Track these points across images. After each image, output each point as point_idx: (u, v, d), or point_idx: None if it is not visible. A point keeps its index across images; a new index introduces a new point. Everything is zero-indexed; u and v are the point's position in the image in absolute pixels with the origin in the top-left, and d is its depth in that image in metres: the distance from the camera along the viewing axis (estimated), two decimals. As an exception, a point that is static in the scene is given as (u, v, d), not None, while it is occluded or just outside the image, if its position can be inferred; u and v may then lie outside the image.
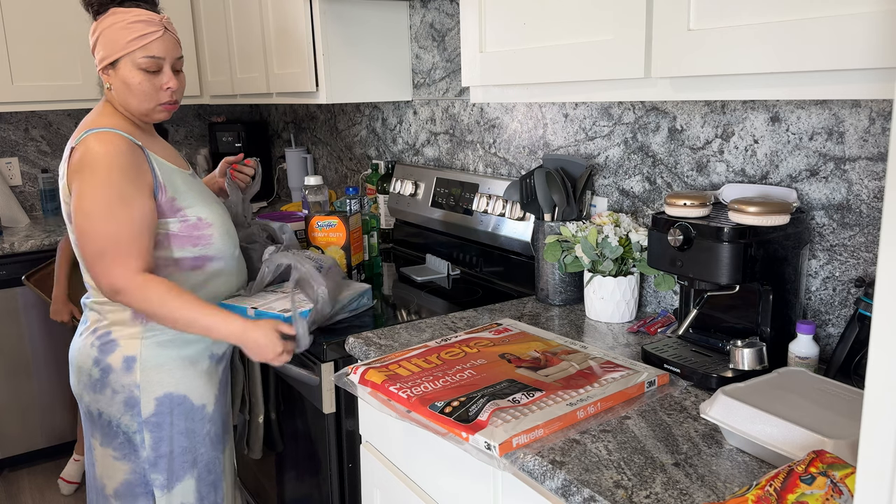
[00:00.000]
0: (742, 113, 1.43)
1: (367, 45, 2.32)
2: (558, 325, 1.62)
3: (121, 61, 1.47)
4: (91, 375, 1.53)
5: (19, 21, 2.82)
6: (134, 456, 1.55)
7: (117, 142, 1.42)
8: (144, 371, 1.52)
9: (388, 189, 2.48)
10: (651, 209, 1.66)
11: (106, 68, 1.49)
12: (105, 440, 1.56)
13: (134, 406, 1.52)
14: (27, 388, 2.86)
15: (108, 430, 1.55)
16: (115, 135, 1.43)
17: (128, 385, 1.51)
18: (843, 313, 1.32)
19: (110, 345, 1.52)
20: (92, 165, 1.40)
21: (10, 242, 2.72)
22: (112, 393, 1.52)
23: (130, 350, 1.51)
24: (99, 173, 1.40)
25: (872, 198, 1.25)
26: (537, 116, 1.94)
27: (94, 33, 1.49)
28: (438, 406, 1.15)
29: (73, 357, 1.57)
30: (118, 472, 1.57)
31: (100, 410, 1.54)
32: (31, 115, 3.28)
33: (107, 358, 1.51)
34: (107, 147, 1.41)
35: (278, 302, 1.64)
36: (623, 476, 0.99)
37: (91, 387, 1.53)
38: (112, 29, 1.46)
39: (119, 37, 1.46)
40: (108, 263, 1.40)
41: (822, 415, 1.00)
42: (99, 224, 1.40)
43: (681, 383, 1.28)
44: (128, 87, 1.48)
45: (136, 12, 1.47)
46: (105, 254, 1.40)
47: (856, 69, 0.87)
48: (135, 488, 1.57)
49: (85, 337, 1.55)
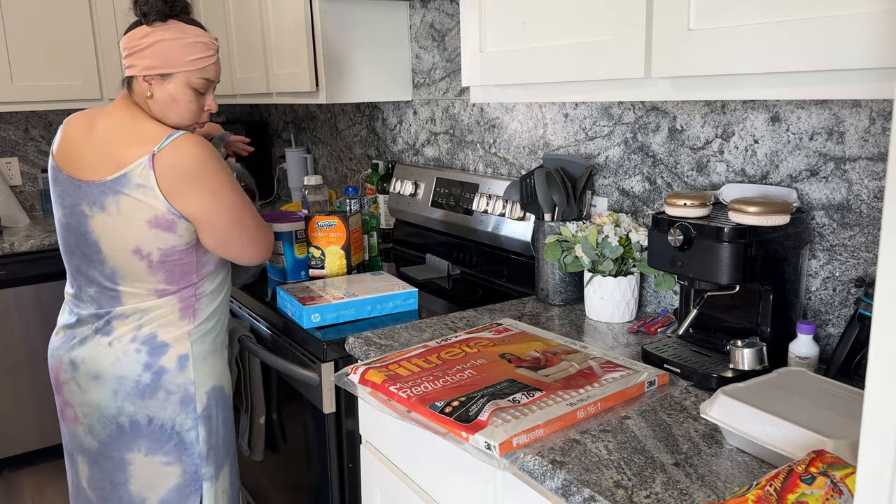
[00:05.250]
0: (742, 113, 1.43)
1: (367, 45, 2.32)
2: (558, 325, 1.62)
3: (174, 76, 1.50)
4: (139, 382, 1.51)
5: (19, 21, 2.82)
6: (185, 455, 1.57)
7: (206, 142, 1.48)
8: (196, 367, 1.56)
9: (388, 189, 2.48)
10: (651, 209, 1.66)
11: (152, 77, 1.50)
12: (153, 447, 1.55)
13: (189, 403, 1.56)
14: (27, 389, 2.86)
15: (158, 435, 1.54)
16: (199, 137, 1.48)
17: (183, 384, 1.54)
18: (843, 313, 1.32)
19: (161, 347, 1.52)
20: (210, 167, 1.46)
21: (10, 242, 2.72)
22: (166, 394, 1.53)
23: (182, 349, 1.54)
24: (218, 170, 1.47)
25: (872, 198, 1.25)
26: (537, 116, 1.94)
27: (143, 38, 1.48)
28: (438, 406, 1.15)
29: (106, 370, 1.52)
30: (167, 479, 1.57)
31: (150, 416, 1.53)
32: (31, 115, 3.28)
33: (159, 361, 1.52)
34: (205, 148, 1.46)
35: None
36: (623, 476, 0.99)
37: (139, 394, 1.52)
38: (173, 43, 1.48)
39: (180, 53, 1.49)
40: (262, 237, 1.59)
41: (822, 415, 1.00)
42: (243, 210, 1.53)
43: (681, 383, 1.28)
44: (174, 101, 1.52)
45: (196, 32, 1.51)
46: (258, 230, 1.58)
47: (856, 69, 0.87)
48: (184, 489, 1.58)
49: (120, 346, 1.51)
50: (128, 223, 1.45)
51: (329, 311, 1.67)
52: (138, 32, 1.48)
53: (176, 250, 1.49)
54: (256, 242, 1.58)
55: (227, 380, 1.67)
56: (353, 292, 1.74)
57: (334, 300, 1.69)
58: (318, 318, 1.66)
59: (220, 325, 1.64)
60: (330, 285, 1.82)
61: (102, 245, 1.48)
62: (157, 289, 1.51)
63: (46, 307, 2.84)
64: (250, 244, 1.56)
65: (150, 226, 1.45)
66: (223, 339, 1.67)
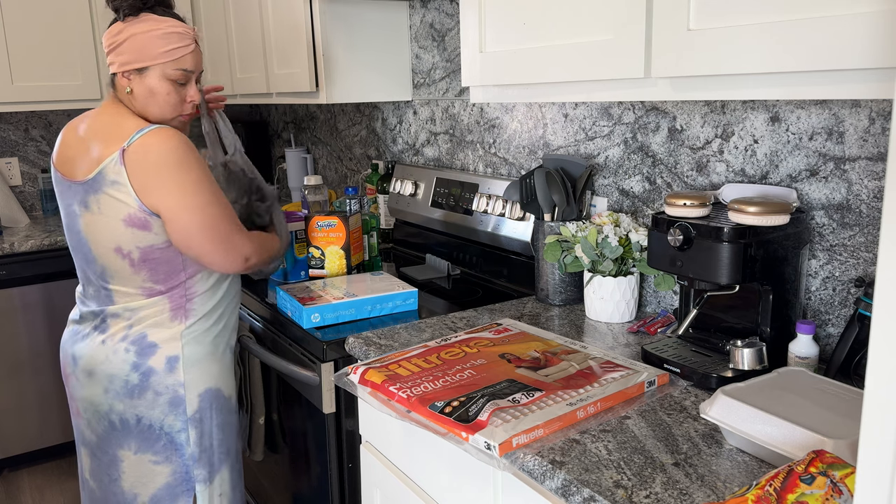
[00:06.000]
0: (742, 113, 1.43)
1: (367, 45, 2.32)
2: (558, 325, 1.62)
3: (150, 69, 1.48)
4: (128, 381, 1.52)
5: (19, 21, 2.82)
6: (176, 456, 1.56)
7: (179, 135, 1.45)
8: (187, 369, 1.54)
9: (388, 189, 2.48)
10: (651, 209, 1.66)
11: (129, 72, 1.49)
12: (143, 446, 1.55)
13: (179, 405, 1.54)
14: (27, 389, 2.86)
15: (147, 434, 1.54)
16: (172, 130, 1.45)
17: (172, 385, 1.53)
18: (843, 313, 1.32)
19: (150, 348, 1.52)
20: (179, 161, 1.42)
21: (10, 242, 2.72)
22: (154, 395, 1.53)
23: (172, 350, 1.53)
24: (187, 165, 1.43)
25: (872, 198, 1.25)
26: (537, 116, 1.94)
27: (118, 34, 1.47)
28: (438, 406, 1.15)
29: (98, 367, 1.53)
30: (157, 477, 1.57)
31: (138, 416, 1.53)
32: (31, 115, 3.28)
33: (147, 361, 1.52)
34: (176, 141, 1.43)
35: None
36: (623, 476, 0.99)
37: (127, 393, 1.52)
38: (146, 36, 1.46)
39: (152, 45, 1.46)
40: (234, 240, 1.50)
41: (822, 415, 1.00)
42: (215, 209, 1.47)
43: (681, 383, 1.28)
44: (153, 95, 1.49)
45: (170, 22, 1.49)
46: (231, 233, 1.49)
47: (856, 69, 0.87)
48: (174, 489, 1.58)
49: (111, 345, 1.52)
50: (107, 222, 1.46)
51: (329, 311, 1.67)
52: (114, 29, 1.48)
53: (155, 248, 1.47)
54: (227, 250, 1.48)
55: (227, 383, 1.64)
56: (353, 292, 1.74)
57: (334, 300, 1.69)
58: (317, 318, 1.66)
59: (220, 326, 1.61)
60: (330, 285, 1.82)
61: (91, 244, 1.49)
62: (145, 287, 1.51)
63: (47, 307, 2.84)
64: (218, 250, 1.47)
65: (126, 224, 1.45)
66: (227, 341, 1.64)
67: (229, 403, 1.65)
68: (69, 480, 2.88)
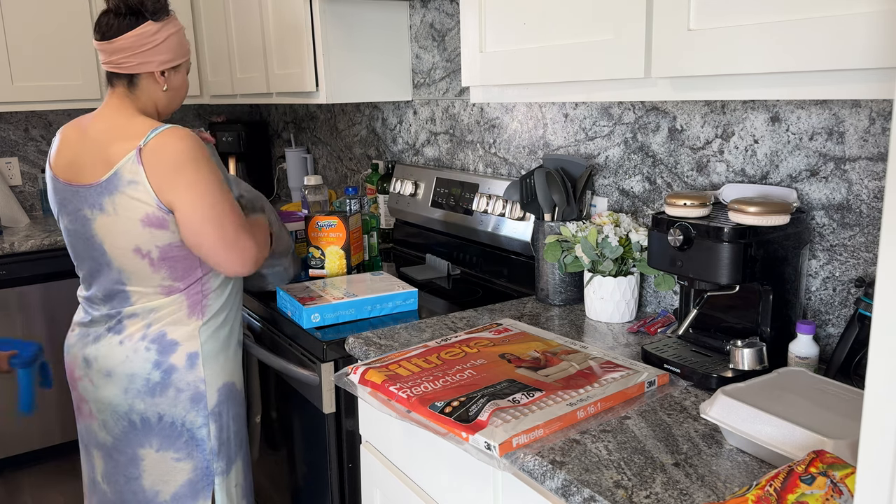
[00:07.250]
0: (742, 113, 1.43)
1: (367, 45, 2.32)
2: (558, 325, 1.62)
3: (182, 65, 1.59)
4: (149, 380, 1.52)
5: (19, 21, 2.82)
6: (197, 451, 1.58)
7: (192, 134, 1.48)
8: (207, 364, 1.57)
9: (388, 189, 2.48)
10: (651, 209, 1.66)
11: (167, 70, 1.55)
12: (165, 444, 1.56)
13: (200, 401, 1.56)
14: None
15: (169, 431, 1.55)
16: (186, 129, 1.48)
17: (193, 381, 1.55)
18: (843, 313, 1.32)
19: (170, 345, 1.53)
20: (195, 160, 1.45)
21: (10, 242, 2.72)
22: (176, 392, 1.54)
23: (192, 346, 1.54)
24: (202, 165, 1.45)
25: (872, 198, 1.25)
26: (537, 116, 1.94)
27: (155, 34, 1.49)
28: (438, 406, 1.15)
29: (117, 368, 1.53)
30: (179, 474, 1.58)
31: (160, 413, 1.54)
32: (31, 115, 3.28)
33: (169, 359, 1.53)
34: (192, 140, 1.46)
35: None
36: (623, 476, 0.99)
37: (149, 392, 1.53)
38: (180, 34, 1.56)
39: (184, 42, 1.57)
40: (244, 239, 1.50)
41: (822, 415, 1.00)
42: (226, 207, 1.48)
43: (681, 383, 1.28)
44: (180, 89, 1.60)
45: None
46: (239, 232, 1.50)
47: (856, 69, 0.87)
48: (196, 484, 1.59)
49: (130, 344, 1.53)
50: (125, 223, 1.46)
51: (329, 311, 1.67)
52: (149, 29, 1.48)
53: (174, 246, 1.49)
54: (233, 251, 1.48)
55: (239, 376, 1.68)
56: (353, 292, 1.74)
57: (334, 300, 1.69)
58: (317, 318, 1.66)
59: (230, 321, 1.64)
60: (330, 285, 1.82)
61: (107, 247, 1.49)
62: (164, 286, 1.52)
63: (47, 307, 2.84)
64: (225, 250, 1.48)
65: (144, 224, 1.45)
66: (237, 335, 1.68)
67: (241, 396, 1.69)
68: (69, 480, 2.88)
